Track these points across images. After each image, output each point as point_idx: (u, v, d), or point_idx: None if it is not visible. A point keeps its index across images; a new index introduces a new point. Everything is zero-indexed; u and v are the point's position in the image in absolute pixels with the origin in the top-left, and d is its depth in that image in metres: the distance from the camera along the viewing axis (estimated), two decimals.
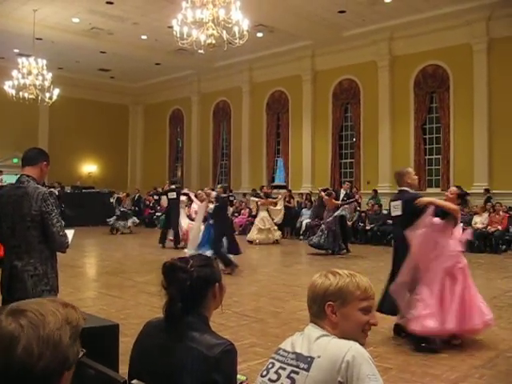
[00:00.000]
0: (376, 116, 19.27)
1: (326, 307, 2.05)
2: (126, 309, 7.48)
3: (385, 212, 17.37)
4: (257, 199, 18.32)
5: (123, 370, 3.37)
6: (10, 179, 22.92)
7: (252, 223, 18.34)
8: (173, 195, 15.82)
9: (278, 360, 2.07)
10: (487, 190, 16.46)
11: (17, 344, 1.18)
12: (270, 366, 2.08)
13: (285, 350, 2.08)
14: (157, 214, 23.03)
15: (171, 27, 12.39)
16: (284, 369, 2.01)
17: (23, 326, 1.20)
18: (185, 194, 16.51)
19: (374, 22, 17.86)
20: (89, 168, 27.78)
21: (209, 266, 2.30)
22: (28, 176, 3.98)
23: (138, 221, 20.92)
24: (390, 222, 16.56)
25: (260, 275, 10.58)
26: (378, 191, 18.59)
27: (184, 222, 15.52)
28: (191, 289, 2.18)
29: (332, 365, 1.90)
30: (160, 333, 2.21)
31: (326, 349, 1.96)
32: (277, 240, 17.12)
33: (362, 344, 2.01)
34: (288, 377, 1.98)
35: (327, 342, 1.99)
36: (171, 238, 15.51)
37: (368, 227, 17.14)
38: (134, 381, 2.17)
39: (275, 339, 5.94)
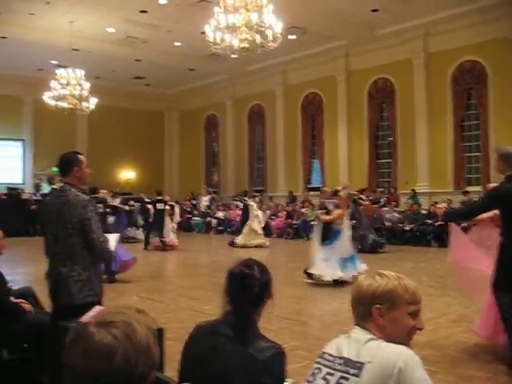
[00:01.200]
0: (412, 114, 19.03)
1: (373, 310, 2.00)
2: (166, 313, 7.53)
3: (424, 212, 17.16)
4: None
5: (167, 373, 3.39)
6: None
7: (289, 226, 19.22)
8: (161, 206, 16.73)
9: (324, 365, 2.01)
10: None
11: (115, 354, 1.25)
12: (317, 371, 2.02)
13: (331, 355, 2.03)
14: (194, 218, 23.27)
15: (204, 33, 12.47)
16: (332, 374, 1.96)
17: (117, 337, 1.27)
18: (170, 205, 17.34)
19: (407, 19, 17.66)
20: (127, 174, 28.14)
21: (267, 271, 2.33)
22: (69, 184, 4.06)
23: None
24: (429, 221, 16.47)
25: (299, 277, 10.53)
26: (417, 191, 18.35)
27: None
28: (257, 294, 2.22)
29: (384, 370, 1.85)
30: (212, 336, 2.21)
31: (377, 354, 1.91)
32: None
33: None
34: (337, 383, 1.93)
35: (376, 346, 1.94)
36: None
37: (407, 227, 16.91)
38: None
39: (318, 342, 5.91)
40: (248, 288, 2.22)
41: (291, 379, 2.57)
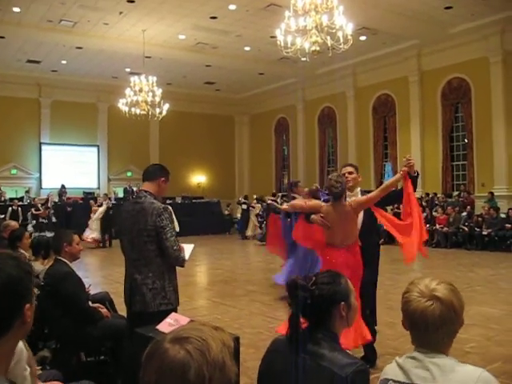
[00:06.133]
0: (489, 114, 18.31)
1: (457, 331, 1.95)
2: (239, 318, 7.52)
3: (503, 216, 16.50)
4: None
5: (243, 381, 3.33)
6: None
7: None
8: None
9: None
10: None
11: (188, 370, 1.23)
12: None
13: (397, 381, 1.91)
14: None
15: (274, 37, 12.46)
16: None
17: (191, 353, 1.25)
18: None
19: (484, 15, 16.99)
20: (198, 178, 28.51)
21: (334, 284, 2.21)
22: (146, 191, 4.11)
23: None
24: (508, 225, 15.81)
25: None
26: (495, 193, 17.65)
27: None
28: (312, 307, 2.11)
29: None
30: (288, 350, 2.14)
31: (452, 378, 1.81)
32: None
33: None
34: None
35: (450, 368, 1.84)
36: None
37: (485, 232, 16.29)
38: None
39: (393, 351, 5.74)
40: (297, 299, 2.13)
41: None
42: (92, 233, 18.66)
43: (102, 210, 19.08)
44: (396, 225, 5.22)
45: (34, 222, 19.77)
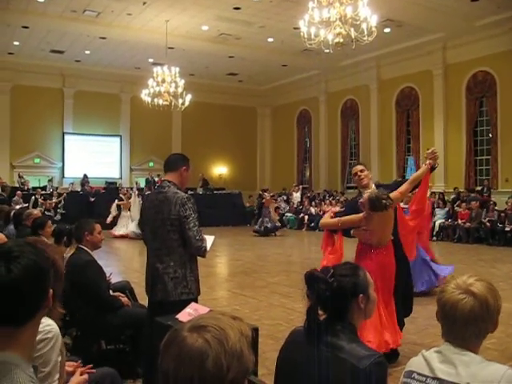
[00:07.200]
0: None
1: (490, 329, 1.95)
2: (259, 310, 7.53)
3: None
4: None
5: (259, 371, 3.33)
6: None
7: None
8: None
9: None
10: None
11: (206, 359, 1.24)
12: None
13: (421, 374, 1.90)
14: (286, 214, 23.23)
15: (297, 28, 12.41)
16: None
17: (209, 341, 1.26)
18: None
19: (510, 8, 16.70)
20: (219, 170, 28.57)
21: (353, 276, 2.20)
22: (169, 181, 4.12)
23: None
24: None
25: None
26: None
27: None
28: (331, 299, 2.10)
29: None
30: (306, 341, 2.14)
31: (477, 374, 1.78)
32: None
33: None
34: None
35: (475, 364, 1.81)
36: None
37: (507, 228, 16.08)
38: None
39: (413, 347, 5.72)
40: (316, 291, 2.12)
41: None
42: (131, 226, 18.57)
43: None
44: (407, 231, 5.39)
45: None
